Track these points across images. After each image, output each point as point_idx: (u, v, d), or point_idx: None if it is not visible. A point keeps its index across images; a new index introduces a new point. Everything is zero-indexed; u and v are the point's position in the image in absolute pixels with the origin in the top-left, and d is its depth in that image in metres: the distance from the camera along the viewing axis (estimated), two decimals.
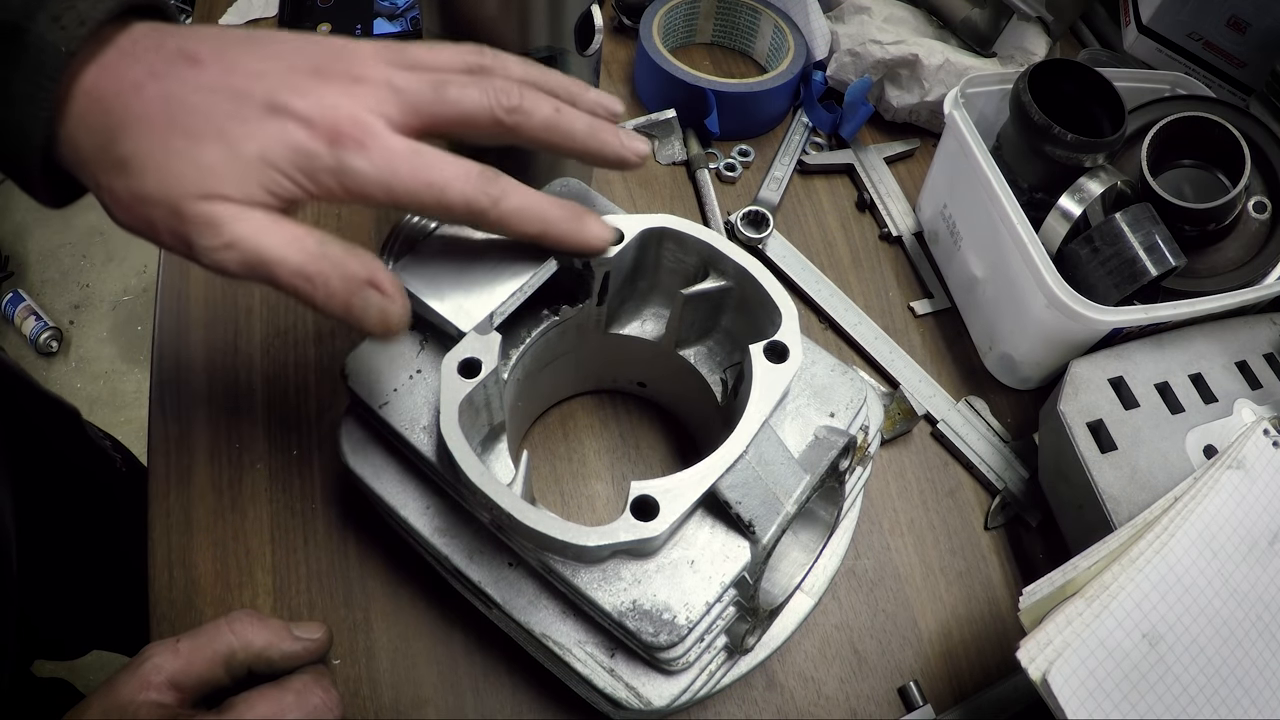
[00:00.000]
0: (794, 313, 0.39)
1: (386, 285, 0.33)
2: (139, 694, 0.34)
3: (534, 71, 0.38)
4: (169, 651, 0.35)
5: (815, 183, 0.66)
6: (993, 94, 0.59)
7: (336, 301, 0.32)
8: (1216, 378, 0.49)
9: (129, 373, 1.72)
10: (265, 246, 0.31)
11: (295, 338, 0.53)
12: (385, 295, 0.33)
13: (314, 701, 0.36)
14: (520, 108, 0.35)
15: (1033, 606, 0.38)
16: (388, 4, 0.72)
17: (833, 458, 0.37)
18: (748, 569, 0.35)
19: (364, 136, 0.32)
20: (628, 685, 0.36)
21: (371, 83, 0.33)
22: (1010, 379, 0.56)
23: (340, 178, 0.32)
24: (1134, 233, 0.50)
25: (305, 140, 0.32)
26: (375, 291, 0.33)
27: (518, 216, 0.35)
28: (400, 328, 0.34)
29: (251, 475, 0.48)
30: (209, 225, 0.31)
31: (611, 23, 0.73)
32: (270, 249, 0.31)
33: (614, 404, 0.52)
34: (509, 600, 0.38)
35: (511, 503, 0.34)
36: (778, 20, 0.69)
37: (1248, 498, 0.40)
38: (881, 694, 0.45)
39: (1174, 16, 0.69)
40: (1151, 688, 0.35)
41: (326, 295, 0.32)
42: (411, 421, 0.38)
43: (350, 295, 0.32)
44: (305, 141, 0.32)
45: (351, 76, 0.33)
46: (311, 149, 0.32)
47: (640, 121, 0.65)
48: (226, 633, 0.36)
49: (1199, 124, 0.54)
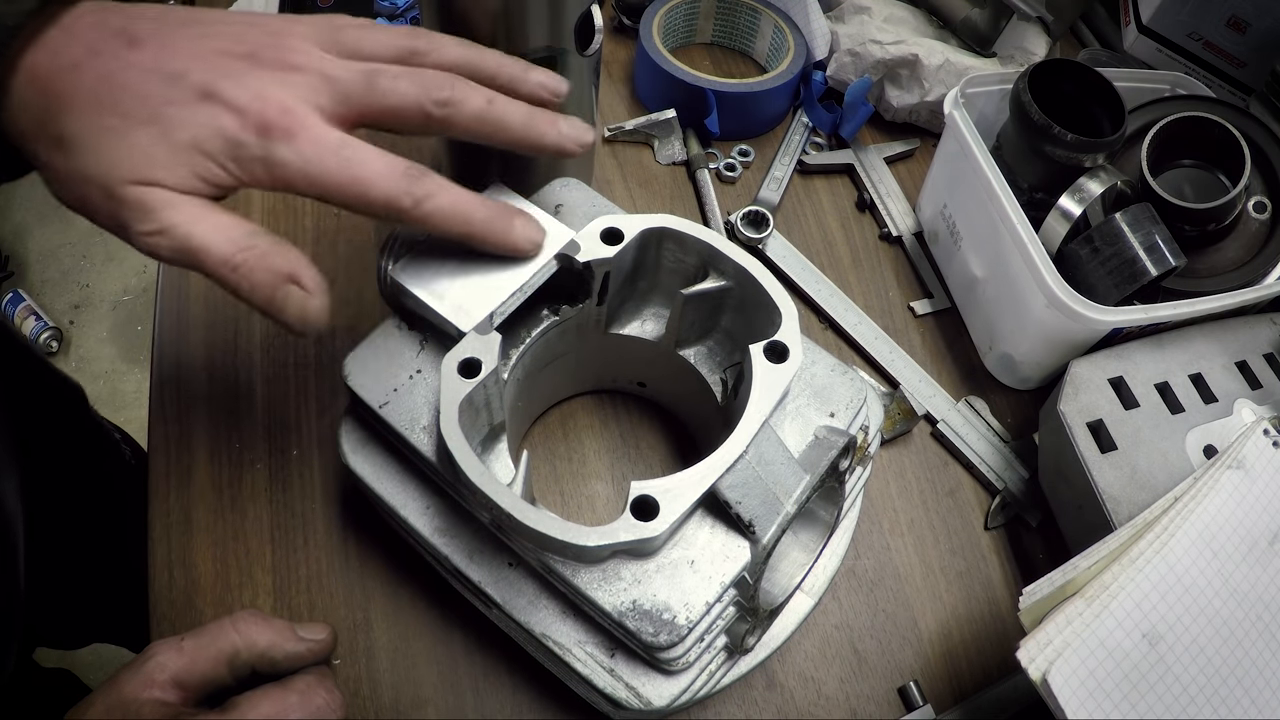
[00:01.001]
0: (794, 313, 0.39)
1: (308, 281, 0.33)
2: (142, 692, 0.34)
3: (471, 53, 0.37)
4: (173, 650, 0.36)
5: (815, 183, 0.66)
6: (993, 94, 0.59)
7: (260, 294, 0.33)
8: (1216, 378, 0.49)
9: (129, 373, 1.72)
10: (195, 234, 0.32)
11: (295, 338, 0.53)
12: (306, 291, 0.33)
13: (317, 702, 0.36)
14: (450, 100, 0.35)
15: (1033, 606, 0.38)
16: (388, 4, 0.72)
17: (833, 458, 0.37)
18: (748, 569, 0.35)
19: (293, 127, 0.32)
20: (628, 685, 0.36)
21: (305, 71, 0.34)
22: (1010, 379, 0.56)
23: (268, 167, 0.33)
24: (1134, 233, 0.50)
25: (235, 129, 0.32)
26: (296, 287, 0.33)
27: (440, 216, 0.35)
28: (318, 324, 0.34)
29: (251, 475, 0.48)
30: (142, 210, 0.31)
31: (611, 23, 0.73)
32: (199, 237, 0.32)
33: (614, 404, 0.52)
34: (509, 600, 0.38)
35: (511, 503, 0.34)
36: (778, 20, 0.69)
37: (1248, 498, 0.40)
38: (881, 694, 0.45)
39: (1174, 16, 0.69)
40: (1151, 688, 0.35)
41: (250, 286, 0.33)
42: (411, 421, 0.38)
43: (273, 289, 0.33)
44: (235, 130, 0.32)
45: (287, 64, 0.34)
46: (241, 138, 0.32)
47: (640, 121, 0.65)
48: (231, 632, 0.36)
49: (1199, 124, 0.54)
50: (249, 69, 0.33)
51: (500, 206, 0.38)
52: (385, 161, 0.34)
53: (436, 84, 0.35)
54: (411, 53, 0.36)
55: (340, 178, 0.33)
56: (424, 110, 0.35)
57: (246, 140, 0.32)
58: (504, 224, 0.37)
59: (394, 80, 0.34)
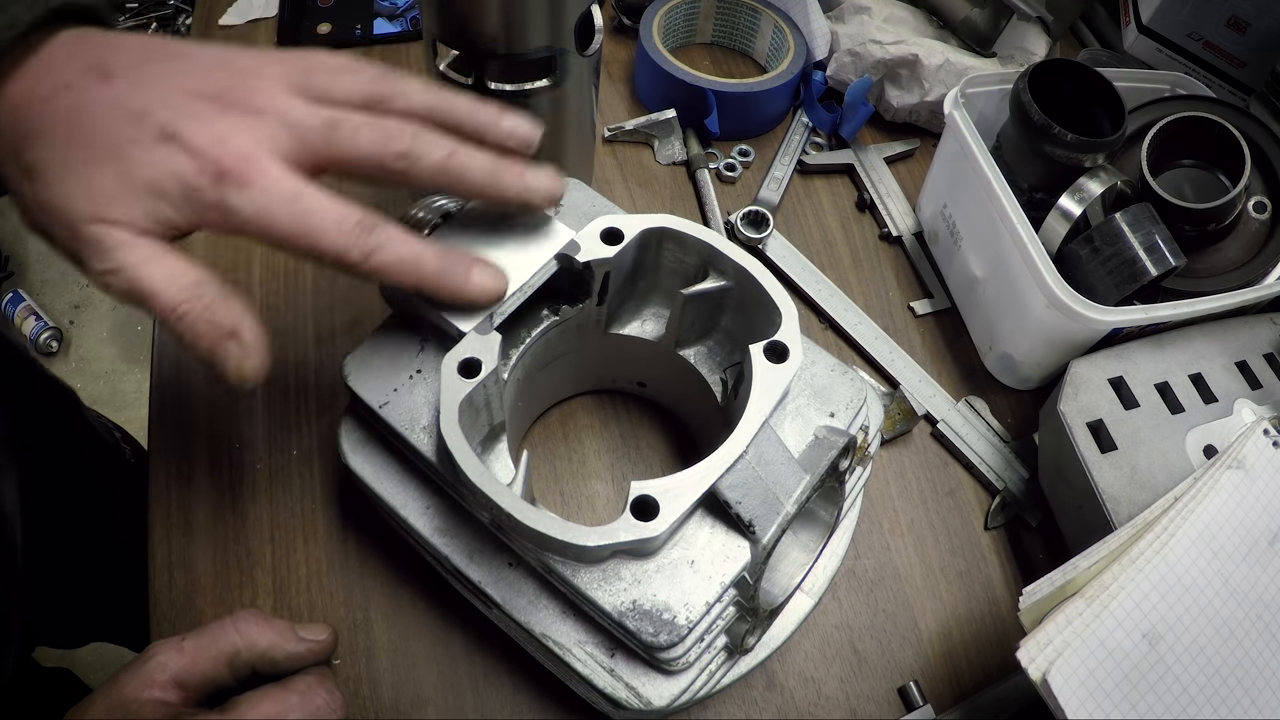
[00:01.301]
0: (794, 313, 0.39)
1: (248, 338, 0.33)
2: (143, 692, 0.34)
3: (440, 100, 0.37)
4: (174, 650, 0.36)
5: (815, 183, 0.66)
6: (993, 94, 0.59)
7: (201, 345, 0.33)
8: (1216, 378, 0.49)
9: (129, 373, 1.72)
10: (144, 278, 0.32)
11: (295, 337, 0.53)
12: (243, 349, 0.33)
13: (318, 702, 0.36)
14: (408, 153, 0.35)
15: (1033, 606, 0.38)
16: (388, 4, 0.72)
17: (833, 458, 0.37)
18: (748, 569, 0.35)
19: (249, 174, 0.33)
20: (628, 685, 0.36)
21: (269, 114, 0.34)
22: (1010, 379, 0.56)
23: (223, 213, 0.33)
24: (1134, 233, 0.50)
25: (191, 173, 0.32)
26: (235, 343, 0.33)
27: (391, 270, 0.35)
28: (255, 380, 0.34)
29: (251, 475, 0.48)
30: (99, 248, 0.32)
31: (611, 23, 0.73)
32: (148, 281, 0.32)
33: (614, 404, 0.52)
34: (509, 600, 0.38)
35: (511, 503, 0.34)
36: (778, 20, 0.69)
37: (1248, 498, 0.40)
38: (881, 694, 0.45)
39: (1174, 16, 0.69)
40: (1151, 688, 0.35)
41: (193, 336, 0.33)
42: (411, 421, 0.38)
43: (214, 342, 0.33)
44: (191, 175, 0.32)
45: (252, 107, 0.34)
46: (196, 183, 0.32)
47: (640, 121, 0.65)
48: (231, 632, 0.37)
49: (1199, 124, 0.54)
50: (213, 111, 0.33)
51: (455, 256, 0.37)
52: (338, 213, 0.34)
53: (397, 135, 0.35)
54: (380, 99, 0.36)
55: (291, 228, 0.33)
56: (382, 162, 0.35)
57: (202, 185, 0.32)
58: (458, 275, 0.37)
59: (355, 130, 0.34)
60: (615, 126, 0.65)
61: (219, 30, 0.71)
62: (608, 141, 0.66)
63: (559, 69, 0.47)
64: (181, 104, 0.33)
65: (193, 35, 0.71)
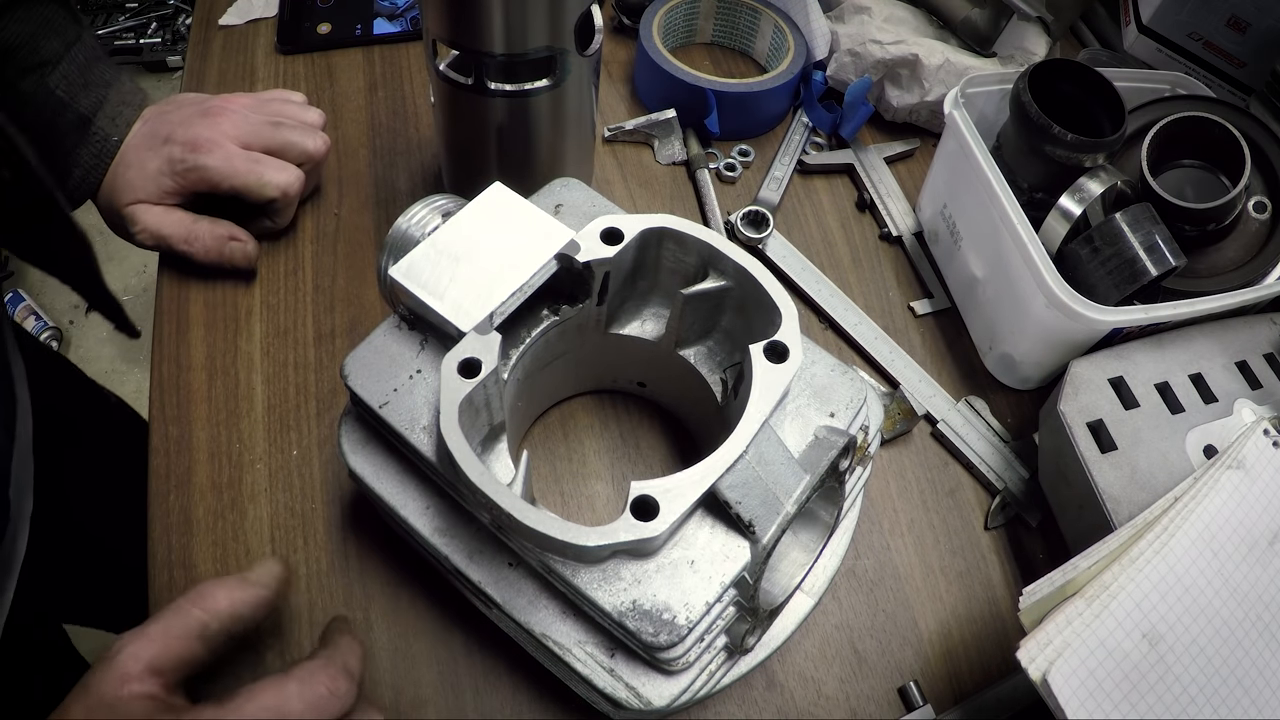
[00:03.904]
0: (794, 313, 0.39)
1: (241, 236, 0.54)
2: (121, 688, 0.33)
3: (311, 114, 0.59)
4: (141, 639, 0.35)
5: (815, 183, 0.66)
6: (993, 94, 0.59)
7: (211, 254, 0.54)
8: (1216, 378, 0.49)
9: (129, 373, 1.72)
10: (161, 226, 0.53)
11: (295, 338, 0.53)
12: (242, 244, 0.54)
13: (319, 690, 0.35)
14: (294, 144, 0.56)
15: (1033, 606, 0.38)
16: (388, 4, 0.72)
17: (833, 458, 0.37)
18: (748, 569, 0.35)
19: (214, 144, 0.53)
20: (628, 685, 0.36)
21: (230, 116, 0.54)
22: (1010, 379, 0.56)
23: (199, 173, 0.52)
24: (1134, 233, 0.50)
25: (178, 153, 0.52)
26: (236, 241, 0.54)
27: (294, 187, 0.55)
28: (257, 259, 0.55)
29: (251, 475, 0.48)
30: (132, 218, 0.53)
31: (611, 23, 0.73)
32: (164, 228, 0.53)
33: (614, 404, 0.52)
34: (509, 600, 0.38)
35: (511, 503, 0.34)
36: (778, 20, 0.69)
37: (1248, 498, 0.40)
38: (881, 694, 0.45)
39: (1174, 16, 0.69)
40: (1151, 688, 0.35)
41: (204, 250, 0.54)
42: (411, 421, 0.38)
43: (220, 247, 0.54)
44: (177, 154, 0.52)
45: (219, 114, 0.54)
46: (180, 156, 0.52)
47: (640, 121, 0.65)
48: (190, 608, 0.36)
49: (1199, 124, 0.54)
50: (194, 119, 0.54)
51: None
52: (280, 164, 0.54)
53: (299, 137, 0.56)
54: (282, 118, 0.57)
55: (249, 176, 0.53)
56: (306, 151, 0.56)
57: (185, 157, 0.52)
58: None
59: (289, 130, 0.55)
60: (615, 126, 0.65)
61: (219, 30, 0.71)
62: (608, 141, 0.66)
63: (559, 69, 0.47)
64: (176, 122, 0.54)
65: (192, 35, 0.71)
